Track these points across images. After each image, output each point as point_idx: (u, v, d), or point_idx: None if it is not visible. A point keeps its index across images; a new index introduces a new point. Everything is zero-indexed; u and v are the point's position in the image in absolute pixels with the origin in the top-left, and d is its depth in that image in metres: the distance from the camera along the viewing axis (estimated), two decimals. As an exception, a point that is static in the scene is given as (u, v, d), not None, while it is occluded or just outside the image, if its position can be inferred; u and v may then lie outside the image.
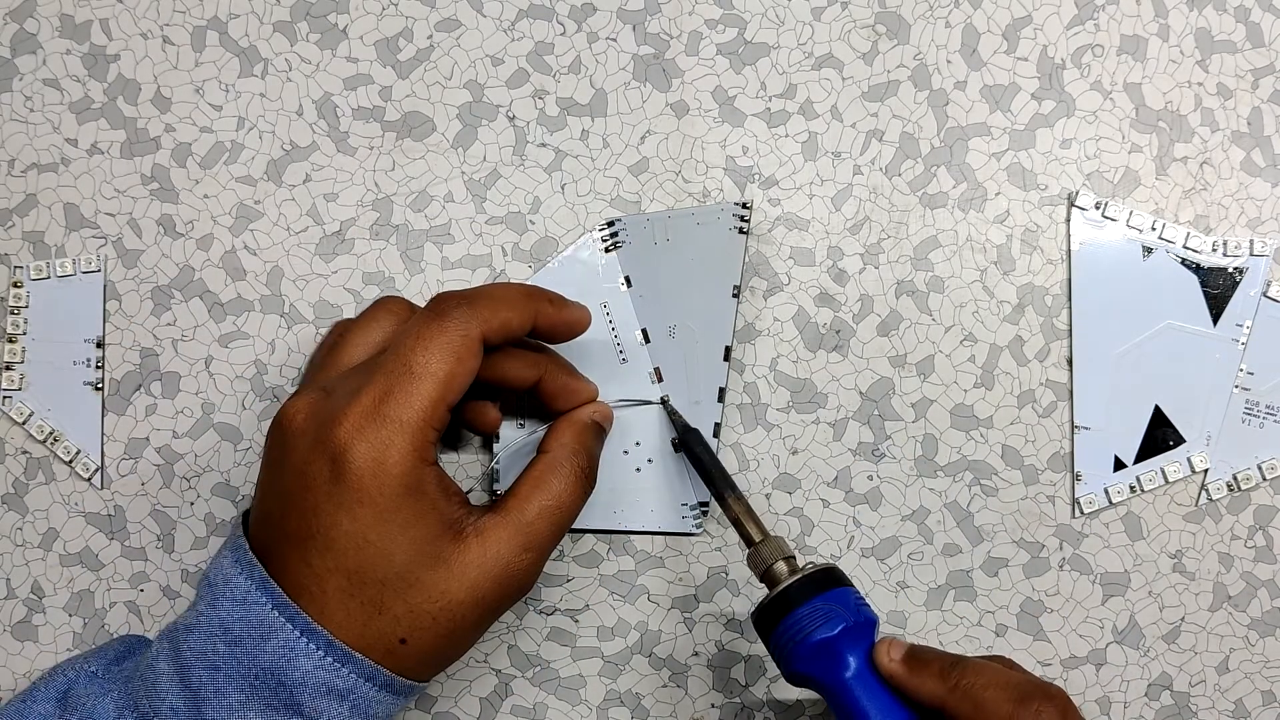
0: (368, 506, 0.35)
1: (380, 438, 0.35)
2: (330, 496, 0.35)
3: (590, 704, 0.45)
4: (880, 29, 0.46)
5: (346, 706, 0.35)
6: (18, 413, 0.45)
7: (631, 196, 0.46)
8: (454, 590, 0.36)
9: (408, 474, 0.35)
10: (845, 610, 0.37)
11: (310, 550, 0.35)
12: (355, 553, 0.35)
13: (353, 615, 0.35)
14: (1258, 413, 0.45)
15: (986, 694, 0.34)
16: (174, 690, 0.35)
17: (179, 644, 0.36)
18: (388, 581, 0.35)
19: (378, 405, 0.35)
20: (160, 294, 0.46)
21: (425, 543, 0.35)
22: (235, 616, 0.35)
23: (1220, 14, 0.46)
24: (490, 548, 0.36)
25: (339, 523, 0.35)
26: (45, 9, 0.46)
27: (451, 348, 0.36)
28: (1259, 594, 0.46)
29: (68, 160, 0.46)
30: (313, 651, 0.35)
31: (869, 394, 0.46)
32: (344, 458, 0.34)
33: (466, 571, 0.36)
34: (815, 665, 0.36)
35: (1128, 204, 0.46)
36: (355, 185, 0.46)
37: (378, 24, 0.46)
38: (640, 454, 0.45)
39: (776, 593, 0.38)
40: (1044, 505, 0.46)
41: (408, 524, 0.35)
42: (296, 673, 0.35)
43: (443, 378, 0.35)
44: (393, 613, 0.35)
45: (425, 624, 0.36)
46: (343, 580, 0.35)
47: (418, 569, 0.35)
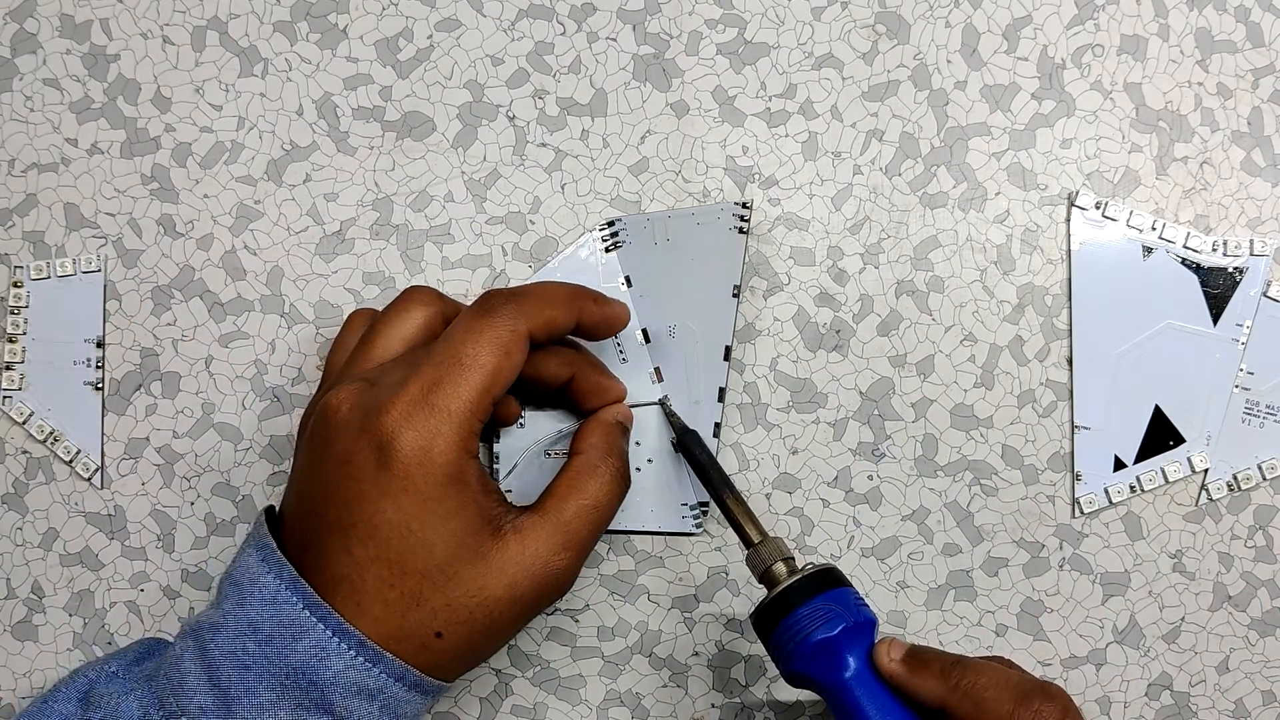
0: (412, 495, 0.35)
1: (428, 426, 0.35)
2: (375, 483, 0.35)
3: (590, 704, 0.45)
4: (880, 29, 0.46)
5: (377, 706, 0.35)
6: (18, 413, 0.45)
7: (631, 196, 0.46)
8: (492, 586, 0.36)
9: (452, 464, 0.35)
10: (845, 610, 0.37)
11: (352, 538, 0.35)
12: (398, 541, 0.35)
13: (391, 606, 0.35)
14: (1258, 412, 0.45)
15: (987, 694, 0.34)
16: (202, 689, 0.35)
17: (205, 643, 0.36)
18: (428, 573, 0.35)
19: (426, 394, 0.35)
20: (160, 294, 0.46)
21: (466, 535, 0.35)
22: (265, 616, 0.35)
23: (1220, 14, 0.46)
24: (529, 546, 0.36)
25: (383, 509, 0.35)
26: (45, 9, 0.46)
27: (500, 342, 0.36)
28: (1259, 594, 0.46)
29: (68, 160, 0.46)
30: (344, 651, 0.35)
31: (869, 394, 0.46)
32: (391, 445, 0.35)
33: (505, 569, 0.36)
34: (815, 666, 0.36)
35: (1128, 204, 0.46)
36: (355, 185, 0.46)
37: (378, 24, 0.46)
38: (640, 454, 0.45)
39: (776, 594, 0.38)
40: (1044, 505, 0.46)
41: (450, 515, 0.35)
42: (328, 672, 0.35)
43: (490, 370, 0.36)
44: (430, 605, 0.35)
45: (462, 618, 0.36)
46: (383, 569, 0.35)
47: (458, 562, 0.35)
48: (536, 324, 0.37)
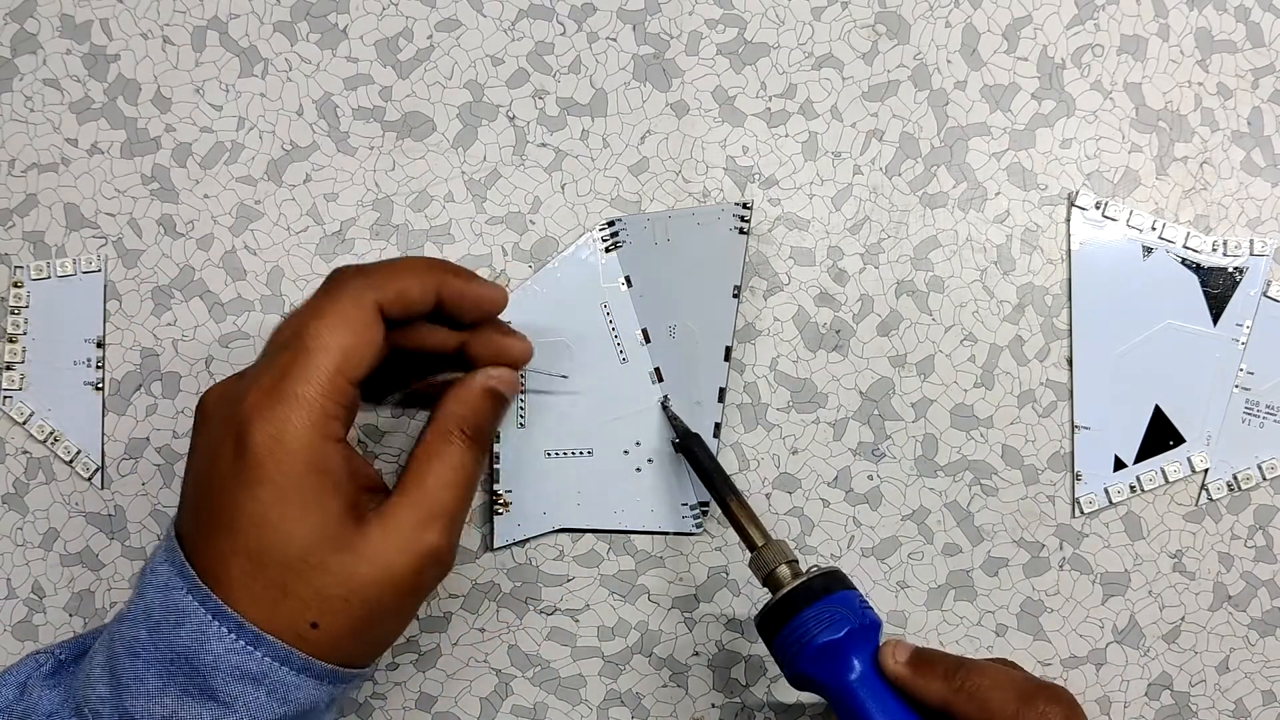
0: (266, 485, 0.34)
1: (277, 414, 0.34)
2: (233, 475, 0.34)
3: (590, 704, 0.45)
4: (880, 29, 0.46)
5: (263, 691, 0.34)
6: (18, 413, 0.45)
7: (631, 196, 0.46)
8: (362, 573, 0.35)
9: (307, 450, 0.34)
10: (849, 613, 0.37)
11: (216, 533, 0.34)
12: (255, 533, 0.34)
13: (258, 598, 0.34)
14: (1258, 412, 0.45)
15: (992, 695, 0.34)
16: (103, 680, 0.35)
17: (112, 634, 0.36)
18: (290, 564, 0.34)
19: (276, 382, 0.34)
20: (160, 294, 0.46)
21: (327, 524, 0.34)
22: (156, 602, 0.35)
23: (1220, 14, 0.46)
24: (393, 528, 0.35)
25: (240, 502, 0.34)
26: (45, 9, 0.46)
27: (345, 320, 0.35)
28: (1259, 594, 0.46)
29: (68, 160, 0.46)
30: (224, 634, 0.34)
31: (869, 394, 0.46)
32: (246, 436, 0.34)
33: (373, 555, 0.35)
34: (820, 668, 0.36)
35: (1128, 204, 0.46)
36: (355, 185, 0.46)
37: (378, 24, 0.46)
38: (640, 454, 0.45)
39: (780, 596, 0.38)
40: (1044, 505, 0.46)
41: (308, 504, 0.34)
42: (209, 656, 0.34)
43: (340, 350, 0.35)
44: (299, 596, 0.34)
45: (336, 608, 0.35)
46: (245, 562, 0.34)
47: (321, 552, 0.34)
48: (386, 296, 0.36)
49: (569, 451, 0.45)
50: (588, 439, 0.45)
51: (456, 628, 0.46)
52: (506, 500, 0.45)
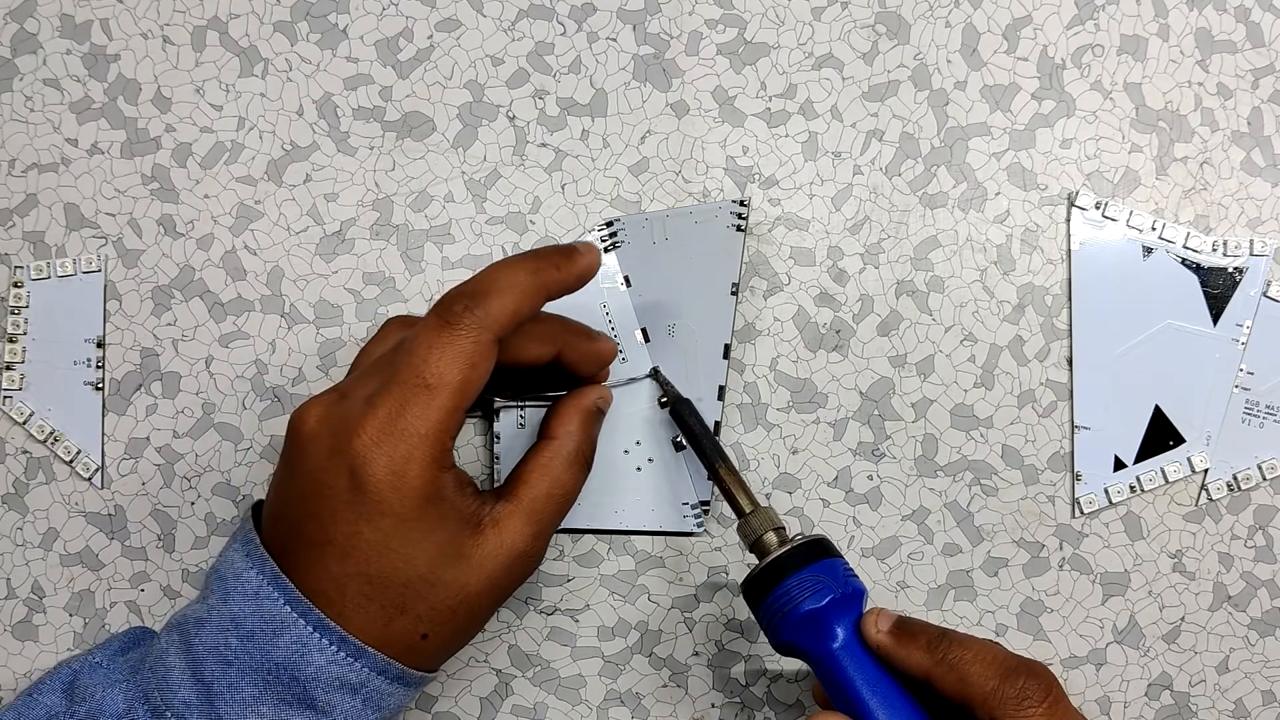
0: (389, 517, 0.35)
1: (400, 452, 0.34)
2: (350, 506, 0.35)
3: (590, 704, 0.45)
4: (880, 29, 0.46)
5: (359, 700, 0.36)
6: (18, 413, 0.46)
7: (631, 196, 0.46)
8: (473, 583, 0.36)
9: (428, 484, 0.35)
10: (834, 581, 0.37)
11: (328, 556, 0.35)
12: (376, 560, 0.35)
13: (373, 618, 0.35)
14: (1258, 412, 0.45)
15: (972, 668, 0.34)
16: (186, 684, 0.35)
17: (190, 637, 0.36)
18: (410, 585, 0.35)
19: (394, 419, 0.34)
20: (160, 294, 0.46)
21: (446, 544, 0.36)
22: (247, 611, 0.35)
23: (1220, 14, 0.46)
24: (506, 537, 0.37)
25: (359, 531, 0.35)
26: (45, 9, 0.46)
27: (465, 356, 0.35)
28: (1259, 594, 0.46)
29: (68, 160, 0.46)
30: (326, 647, 0.35)
31: (869, 394, 0.46)
32: (364, 470, 0.34)
33: (484, 563, 0.36)
34: (803, 636, 0.37)
35: (1128, 204, 0.46)
36: (355, 185, 0.46)
37: (378, 24, 0.46)
38: (640, 454, 0.45)
39: (766, 563, 0.38)
40: (1044, 505, 0.46)
41: (430, 530, 0.35)
42: (310, 668, 0.35)
43: (457, 387, 0.35)
44: (415, 612, 0.36)
45: (445, 618, 0.36)
46: (363, 585, 0.35)
47: (440, 570, 0.35)
48: (503, 324, 0.36)
49: (569, 451, 0.45)
50: (588, 439, 0.45)
51: (456, 628, 0.46)
52: (506, 500, 0.45)
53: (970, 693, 0.34)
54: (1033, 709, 0.34)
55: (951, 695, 0.35)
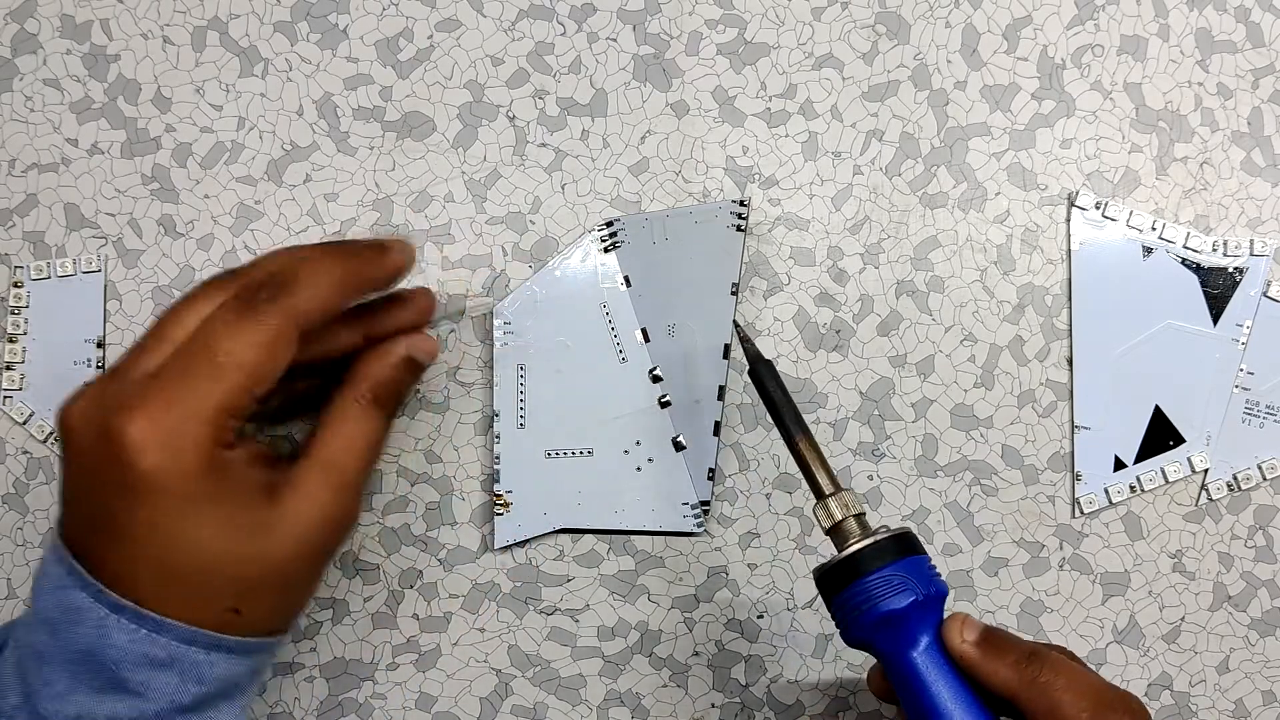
0: (168, 498, 0.33)
1: (175, 431, 0.33)
2: (125, 492, 0.33)
3: (590, 704, 0.45)
4: (880, 29, 0.46)
5: (175, 675, 0.34)
6: (18, 413, 0.46)
7: (631, 196, 0.46)
8: (277, 552, 0.35)
9: (207, 463, 0.33)
10: (918, 581, 0.35)
11: (118, 542, 0.33)
12: (163, 544, 0.33)
13: (173, 599, 0.34)
14: (1258, 413, 0.45)
15: (1064, 696, 0.33)
16: (12, 686, 0.34)
17: (16, 640, 0.35)
18: (205, 566, 0.34)
19: (173, 396, 0.33)
20: (161, 294, 0.46)
21: (239, 518, 0.34)
22: (52, 605, 0.34)
23: (1220, 14, 0.46)
24: (305, 498, 0.35)
25: (137, 517, 0.33)
26: (46, 9, 0.46)
27: (263, 343, 0.34)
28: (1259, 594, 0.46)
29: (68, 160, 0.46)
30: (125, 625, 0.33)
31: (869, 394, 0.46)
32: (135, 454, 0.32)
33: (288, 530, 0.35)
34: (880, 637, 0.35)
35: (1128, 204, 0.46)
36: (355, 185, 0.46)
37: (378, 24, 0.46)
38: (640, 454, 0.45)
39: (845, 555, 0.35)
40: (1044, 505, 0.46)
41: (217, 507, 0.34)
42: (114, 650, 0.33)
43: (250, 370, 0.33)
44: (216, 590, 0.34)
45: (255, 589, 0.35)
46: (156, 569, 0.34)
47: (236, 546, 0.34)
48: (310, 319, 0.35)
49: (569, 451, 0.45)
50: (588, 439, 0.45)
51: (456, 628, 0.46)
52: (506, 500, 0.45)
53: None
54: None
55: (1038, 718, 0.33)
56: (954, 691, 0.34)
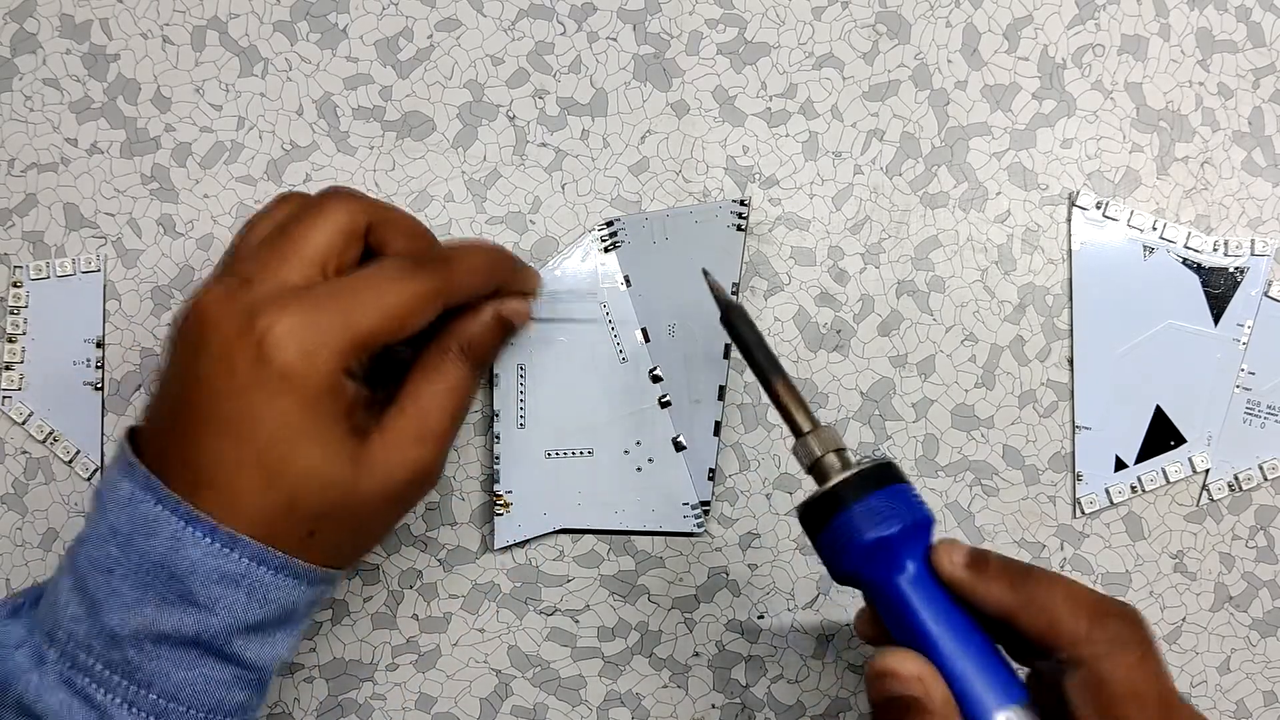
0: (291, 397, 0.34)
1: (315, 338, 0.34)
2: (254, 383, 0.34)
3: (590, 704, 0.45)
4: (881, 29, 0.46)
5: (242, 592, 0.35)
6: (17, 413, 0.45)
7: (632, 196, 0.46)
8: (362, 488, 0.36)
9: (333, 376, 0.35)
10: (903, 508, 0.34)
11: (226, 439, 0.34)
12: (273, 445, 0.34)
13: (264, 509, 0.35)
14: (1259, 413, 0.45)
15: (1061, 608, 0.32)
16: (73, 600, 0.35)
17: (74, 556, 0.36)
18: (301, 476, 0.35)
19: (323, 310, 0.35)
20: (160, 294, 0.46)
21: (338, 441, 0.35)
22: (122, 519, 0.35)
23: (1221, 14, 0.46)
24: (390, 441, 0.37)
25: (260, 411, 0.34)
26: (45, 9, 0.46)
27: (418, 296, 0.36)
28: (1260, 594, 0.46)
29: (68, 160, 0.46)
30: (199, 539, 0.34)
31: (870, 394, 0.46)
32: (273, 347, 0.34)
33: (373, 470, 0.36)
34: (868, 566, 0.34)
35: (1129, 204, 0.46)
36: (355, 185, 0.46)
37: (378, 24, 0.46)
38: (640, 454, 0.45)
39: (828, 488, 0.35)
40: (1045, 505, 0.46)
41: (327, 424, 0.35)
42: (185, 563, 0.34)
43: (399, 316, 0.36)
44: (304, 508, 0.35)
45: (334, 518, 0.36)
46: (255, 473, 0.34)
47: (330, 468, 0.35)
48: (459, 296, 0.38)
49: (569, 451, 0.45)
50: (588, 439, 0.45)
51: (456, 628, 0.45)
52: (506, 500, 0.45)
53: (1059, 635, 0.32)
54: (1126, 654, 0.32)
55: (1036, 636, 0.33)
56: (947, 615, 0.33)
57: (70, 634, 0.35)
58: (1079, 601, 0.33)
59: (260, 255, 0.37)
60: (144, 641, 0.34)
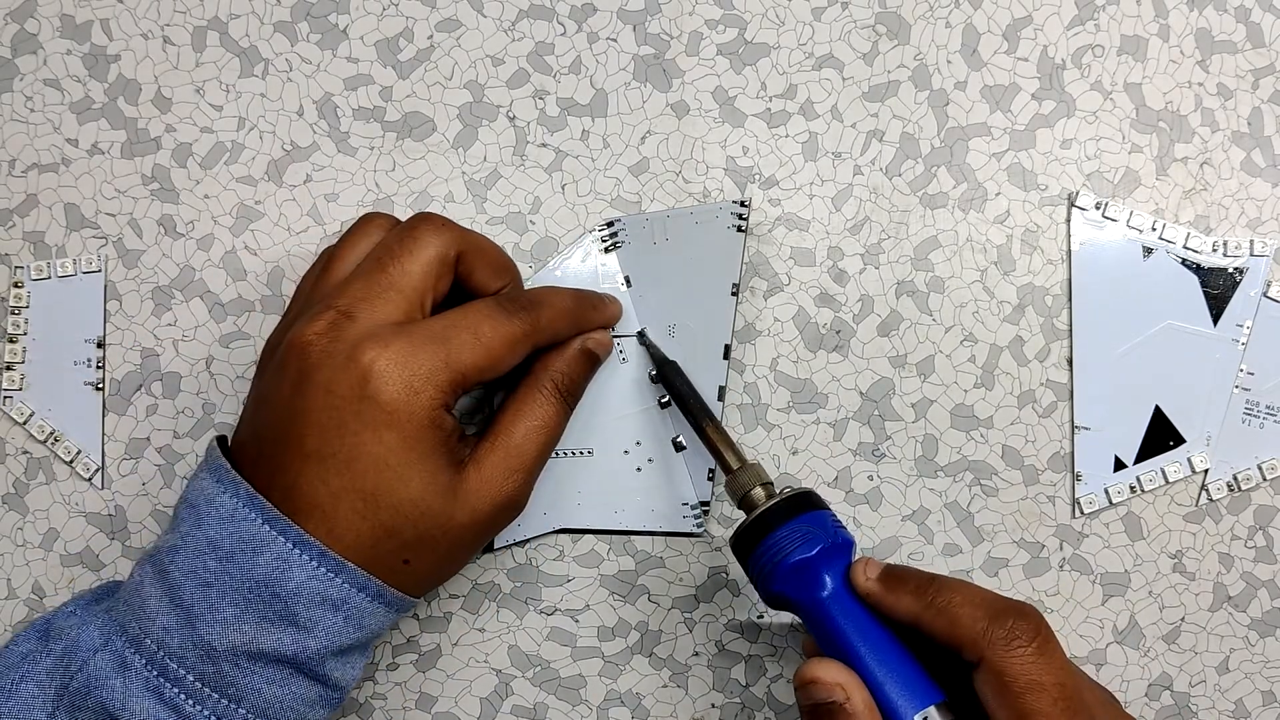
0: (394, 431, 0.36)
1: (418, 373, 0.36)
2: (357, 416, 0.35)
3: (590, 704, 0.45)
4: (880, 29, 0.46)
5: (341, 617, 0.36)
6: (18, 413, 0.46)
7: (632, 197, 0.46)
8: (457, 517, 0.37)
9: (434, 411, 0.36)
10: (822, 532, 0.37)
11: (328, 469, 0.36)
12: (375, 475, 0.36)
13: (363, 537, 0.36)
14: (1258, 413, 0.45)
15: (961, 611, 0.34)
16: (164, 610, 0.35)
17: (165, 565, 0.36)
18: (401, 506, 0.36)
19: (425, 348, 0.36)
20: (161, 294, 0.46)
21: (437, 473, 0.37)
22: (224, 534, 0.35)
23: (1220, 14, 0.46)
24: (485, 475, 0.38)
25: (363, 443, 0.35)
26: (46, 9, 0.46)
27: (511, 338, 0.38)
28: (1259, 594, 0.46)
29: (68, 160, 0.46)
30: (306, 563, 0.35)
31: (869, 394, 0.46)
32: (378, 382, 0.35)
33: (468, 499, 0.37)
34: (792, 585, 0.37)
35: (1128, 204, 0.46)
36: (356, 185, 0.46)
37: (378, 24, 0.46)
38: (640, 454, 0.45)
39: (754, 517, 0.38)
40: (1044, 505, 0.46)
41: (426, 456, 0.36)
42: (291, 584, 0.35)
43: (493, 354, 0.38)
44: (402, 537, 0.36)
45: (429, 548, 0.37)
46: (357, 501, 0.36)
47: (428, 498, 0.36)
48: (545, 336, 0.40)
49: (569, 451, 0.45)
50: (588, 439, 0.45)
51: (456, 628, 0.46)
52: (506, 500, 0.45)
53: (960, 634, 0.34)
54: (1022, 648, 0.34)
55: (941, 638, 0.35)
56: (866, 627, 0.36)
57: (161, 643, 0.35)
58: (977, 604, 0.35)
59: (357, 289, 0.38)
60: (240, 657, 0.35)
